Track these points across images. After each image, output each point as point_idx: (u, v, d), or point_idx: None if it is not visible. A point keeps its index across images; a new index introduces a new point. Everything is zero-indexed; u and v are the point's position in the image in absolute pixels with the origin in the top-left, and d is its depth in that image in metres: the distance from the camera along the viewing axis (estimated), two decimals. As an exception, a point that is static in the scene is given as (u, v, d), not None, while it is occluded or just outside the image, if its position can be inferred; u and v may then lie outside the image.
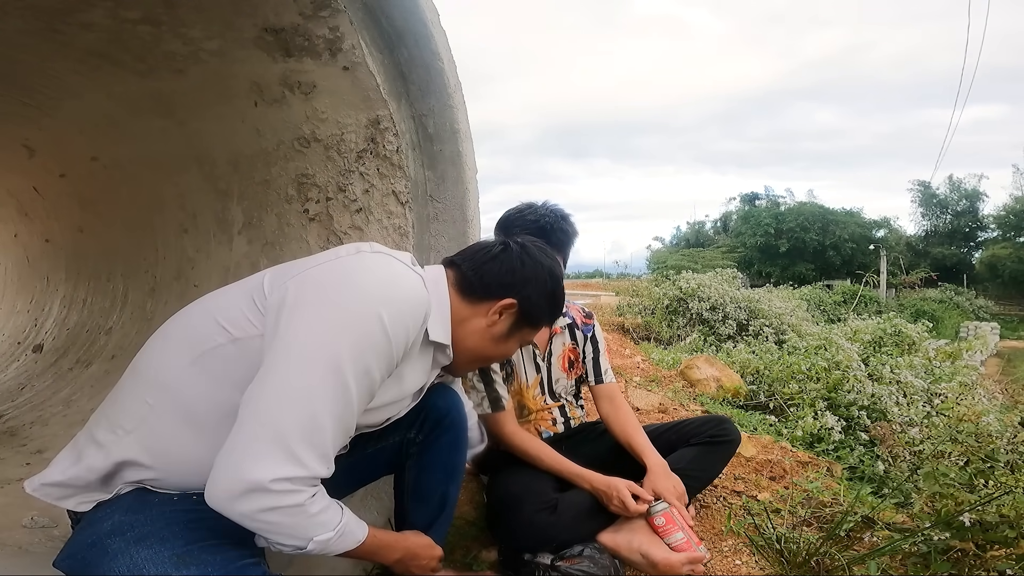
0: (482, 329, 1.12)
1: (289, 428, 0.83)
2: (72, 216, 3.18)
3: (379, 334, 0.89)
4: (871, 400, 3.59)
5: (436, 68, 1.58)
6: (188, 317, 1.01)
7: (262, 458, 0.82)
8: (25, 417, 2.43)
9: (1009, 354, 13.26)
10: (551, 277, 1.17)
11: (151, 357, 0.99)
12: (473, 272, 1.12)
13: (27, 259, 3.97)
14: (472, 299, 1.12)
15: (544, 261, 1.17)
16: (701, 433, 1.76)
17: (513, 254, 1.14)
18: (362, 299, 0.90)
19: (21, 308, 3.95)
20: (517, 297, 1.12)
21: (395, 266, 0.99)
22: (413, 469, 1.29)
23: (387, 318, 0.90)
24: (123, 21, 1.53)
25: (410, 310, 0.96)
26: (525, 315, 1.14)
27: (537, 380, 1.80)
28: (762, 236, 31.63)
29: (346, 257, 0.98)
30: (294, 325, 0.87)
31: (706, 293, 7.74)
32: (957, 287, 26.71)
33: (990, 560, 1.39)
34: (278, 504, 0.83)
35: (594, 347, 1.88)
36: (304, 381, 0.84)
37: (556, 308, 1.21)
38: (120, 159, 2.48)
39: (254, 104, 1.72)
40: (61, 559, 0.91)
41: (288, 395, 0.84)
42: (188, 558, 0.83)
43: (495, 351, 1.17)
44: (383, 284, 0.94)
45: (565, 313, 1.87)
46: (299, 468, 0.83)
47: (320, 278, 0.93)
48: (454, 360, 1.16)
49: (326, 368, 0.85)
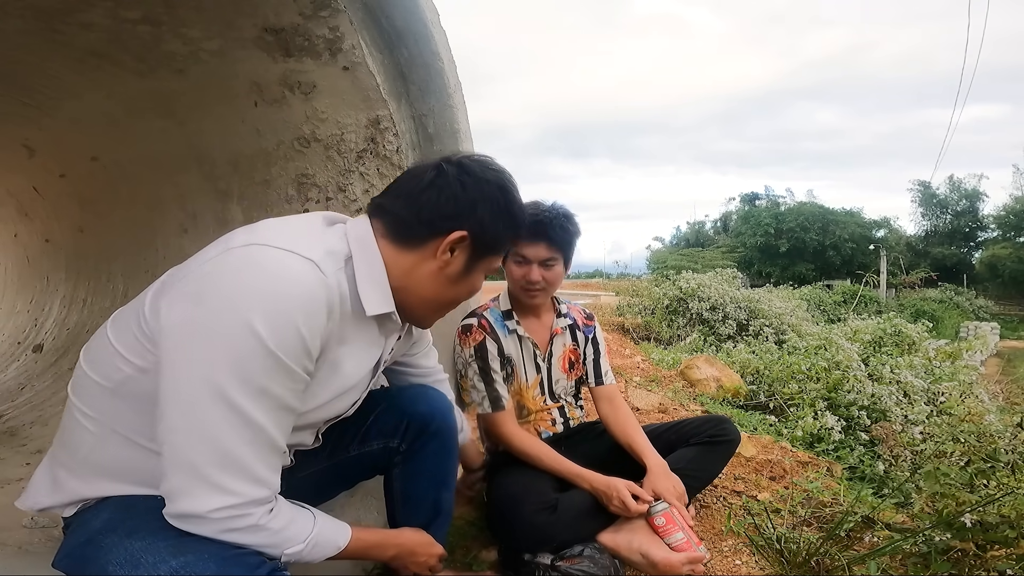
0: (435, 272, 0.98)
1: (202, 464, 0.79)
2: (72, 216, 3.18)
3: (255, 349, 0.78)
4: (871, 400, 3.59)
5: (436, 68, 1.58)
6: (98, 339, 0.94)
7: (191, 493, 0.80)
8: (25, 417, 2.43)
9: (1009, 354, 13.27)
10: (502, 192, 1.00)
11: (77, 386, 0.94)
12: (408, 210, 0.96)
13: (27, 259, 3.97)
14: (413, 243, 0.96)
15: (489, 176, 1.00)
16: (700, 433, 1.76)
17: (450, 177, 0.97)
18: (231, 311, 0.79)
19: (21, 308, 3.95)
20: (466, 226, 0.96)
21: (270, 260, 0.82)
22: (400, 478, 1.26)
23: (262, 326, 0.78)
24: (123, 21, 1.53)
25: (297, 307, 0.81)
26: (481, 244, 0.99)
27: (537, 380, 1.80)
28: (762, 236, 31.64)
29: (216, 258, 0.85)
30: (171, 357, 0.81)
31: (706, 293, 7.74)
32: (957, 287, 26.72)
33: (990, 560, 1.39)
34: (230, 527, 0.82)
35: (595, 349, 1.88)
36: (197, 417, 0.79)
37: (517, 225, 1.04)
38: (120, 159, 2.48)
39: (254, 104, 1.72)
40: (59, 559, 0.91)
41: (188, 432, 0.79)
42: (183, 547, 0.82)
43: (459, 292, 1.04)
44: (252, 289, 0.80)
45: (567, 314, 1.86)
46: (230, 497, 0.81)
47: (189, 291, 0.83)
48: (415, 315, 1.05)
49: (211, 401, 0.78)
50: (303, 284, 0.83)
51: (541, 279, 1.67)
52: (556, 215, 1.66)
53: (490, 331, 1.71)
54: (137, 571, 0.79)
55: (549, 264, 1.67)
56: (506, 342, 1.74)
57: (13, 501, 1.01)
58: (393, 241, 0.97)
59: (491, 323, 1.73)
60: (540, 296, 1.72)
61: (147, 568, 0.79)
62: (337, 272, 0.90)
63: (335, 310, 0.88)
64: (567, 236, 1.68)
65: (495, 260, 1.06)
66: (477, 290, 1.07)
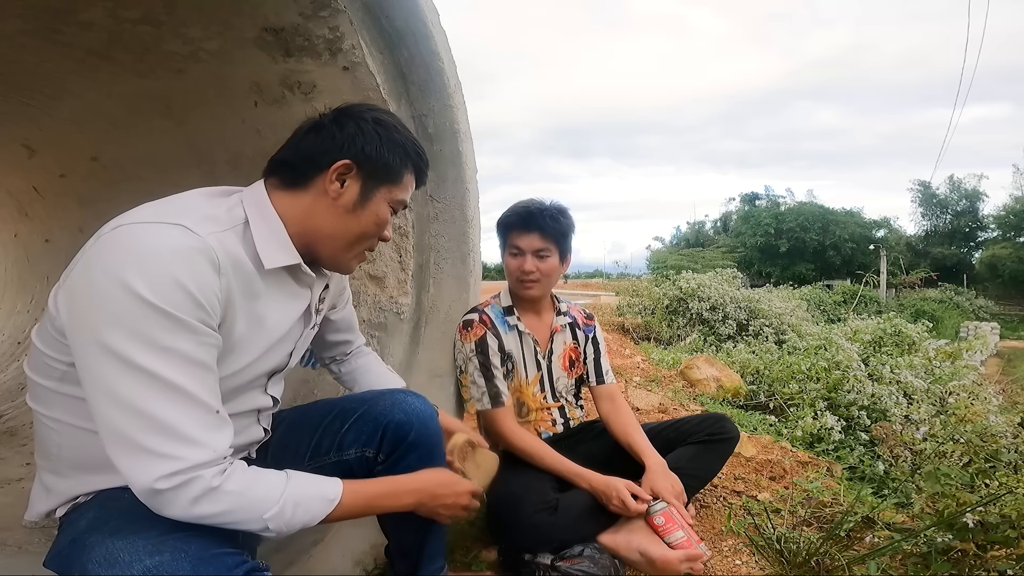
0: (330, 206, 0.99)
1: (130, 433, 0.79)
2: (72, 216, 3.18)
3: (140, 307, 0.79)
4: (871, 400, 3.59)
5: (436, 68, 1.58)
6: (31, 350, 0.96)
7: (133, 466, 0.80)
8: (25, 417, 2.43)
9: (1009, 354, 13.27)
10: (378, 123, 1.02)
11: (32, 394, 0.96)
12: (291, 154, 1.00)
13: (27, 259, 3.97)
14: (302, 183, 0.99)
15: (365, 114, 1.02)
16: (699, 431, 1.76)
17: (327, 120, 1.01)
18: (107, 277, 0.80)
19: (21, 308, 3.95)
20: (348, 156, 0.98)
21: (138, 231, 0.84)
22: None
23: (141, 285, 0.79)
24: (123, 21, 1.53)
25: (172, 261, 0.82)
26: (371, 171, 1.00)
27: (537, 377, 1.80)
28: (762, 236, 31.65)
29: (91, 246, 0.87)
30: (74, 342, 0.83)
31: (706, 293, 7.75)
32: (957, 287, 26.72)
33: (991, 560, 1.39)
34: (188, 497, 0.80)
35: (595, 348, 1.89)
36: (110, 389, 0.80)
37: (406, 151, 1.04)
38: (120, 159, 2.48)
39: (254, 104, 1.72)
40: (49, 559, 0.92)
41: (109, 407, 0.80)
42: (162, 546, 0.82)
43: (362, 223, 1.03)
44: (124, 255, 0.81)
45: (566, 313, 1.87)
46: (169, 462, 0.79)
47: (72, 279, 0.85)
48: (329, 259, 1.05)
49: (117, 369, 0.79)
50: (174, 243, 0.83)
51: (536, 269, 1.71)
52: (546, 207, 1.73)
53: (491, 327, 1.73)
54: (113, 570, 0.80)
55: (543, 255, 1.71)
56: (507, 338, 1.75)
57: (13, 501, 1.01)
58: (286, 189, 0.99)
59: (492, 319, 1.74)
60: (535, 288, 1.74)
61: (123, 567, 0.79)
62: (222, 233, 0.90)
63: (226, 267, 0.88)
64: (559, 227, 1.71)
65: (397, 190, 1.05)
66: (384, 221, 1.05)
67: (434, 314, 1.77)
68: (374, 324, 1.79)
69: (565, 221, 1.74)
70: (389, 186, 1.04)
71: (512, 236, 1.74)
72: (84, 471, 0.94)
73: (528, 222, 1.70)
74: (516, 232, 1.73)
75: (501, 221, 1.79)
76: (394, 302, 1.76)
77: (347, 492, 0.94)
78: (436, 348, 1.77)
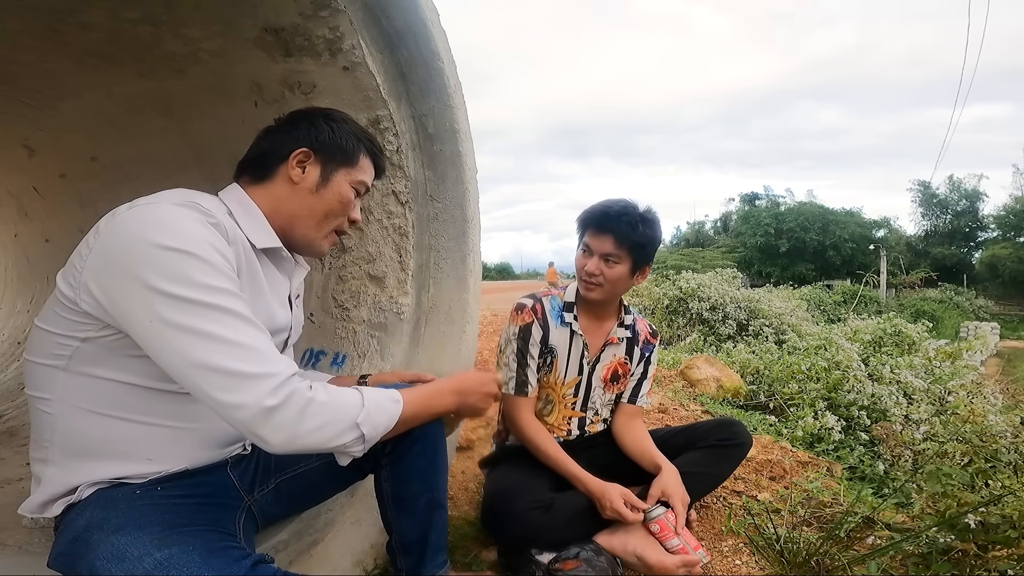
0: (294, 190, 1.09)
1: (219, 362, 0.82)
2: (72, 216, 3.18)
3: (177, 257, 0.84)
4: (871, 400, 3.59)
5: (436, 68, 1.58)
6: (34, 335, 0.99)
7: (236, 394, 0.82)
8: (25, 417, 2.43)
9: (1009, 354, 13.27)
10: (326, 115, 1.13)
11: (29, 379, 0.99)
12: (254, 153, 1.12)
13: (27, 259, 3.97)
14: (268, 175, 1.09)
15: (308, 111, 1.15)
16: (709, 437, 1.74)
17: (281, 120, 1.14)
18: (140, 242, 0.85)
19: (21, 308, 3.95)
20: (303, 144, 1.08)
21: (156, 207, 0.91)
22: (388, 480, 1.25)
23: (170, 240, 0.85)
24: (123, 21, 1.53)
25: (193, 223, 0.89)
26: (328, 154, 1.10)
27: (575, 381, 1.74)
28: (762, 236, 31.65)
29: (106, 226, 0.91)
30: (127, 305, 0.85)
31: (706, 293, 7.75)
32: (957, 287, 26.75)
33: (992, 561, 1.39)
34: (294, 410, 0.84)
35: (644, 369, 1.82)
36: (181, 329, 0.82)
37: (356, 136, 1.14)
38: (120, 159, 2.48)
39: (254, 104, 1.72)
40: (52, 559, 0.92)
41: (188, 346, 0.83)
42: (169, 540, 0.83)
43: (327, 202, 1.11)
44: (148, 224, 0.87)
45: (631, 327, 1.78)
46: (269, 380, 0.83)
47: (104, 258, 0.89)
48: (303, 241, 1.12)
49: (180, 310, 0.83)
50: (191, 215, 0.90)
51: (600, 272, 1.61)
52: (628, 211, 1.59)
53: (540, 317, 1.68)
54: (122, 565, 0.80)
55: (611, 261, 1.60)
56: (555, 333, 1.69)
57: (13, 501, 1.01)
58: (256, 183, 1.10)
59: (545, 310, 1.70)
60: (596, 291, 1.64)
61: (131, 562, 0.80)
62: (223, 216, 0.98)
63: (234, 241, 0.97)
64: (636, 236, 1.58)
65: (355, 171, 1.14)
66: (347, 199, 1.13)
67: (434, 314, 1.77)
68: (374, 324, 1.79)
69: (646, 231, 1.60)
70: (347, 168, 1.13)
71: (587, 233, 1.64)
72: (76, 457, 0.95)
73: (603, 224, 1.60)
74: (591, 231, 1.63)
75: (581, 216, 1.68)
76: (394, 302, 1.76)
77: (405, 394, 1.02)
78: (436, 348, 1.77)
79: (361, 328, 1.82)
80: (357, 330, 1.82)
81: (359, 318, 1.82)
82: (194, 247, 0.86)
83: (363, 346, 1.81)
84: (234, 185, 1.11)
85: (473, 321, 1.78)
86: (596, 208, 1.64)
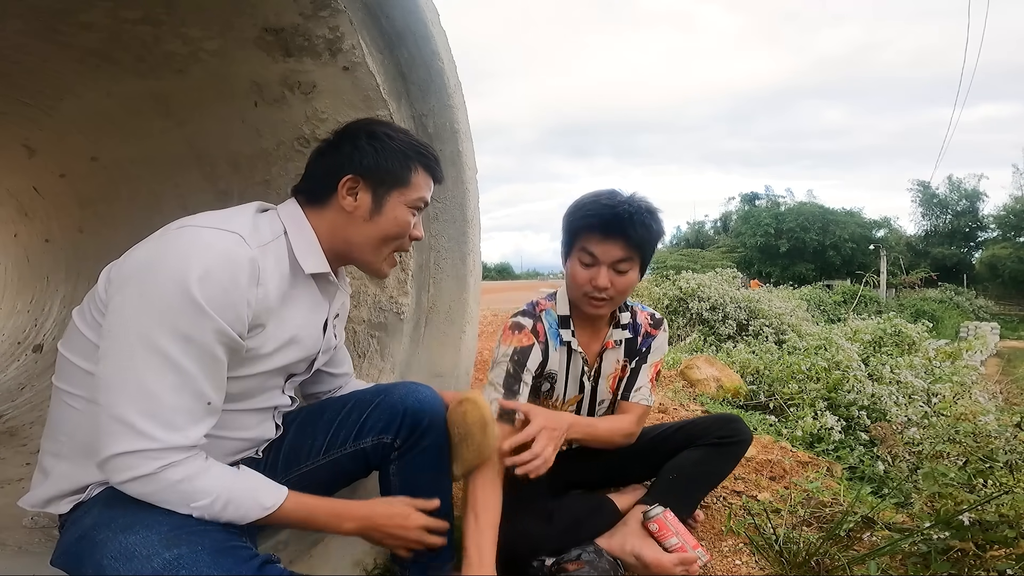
0: (349, 218, 1.09)
1: (123, 407, 0.85)
2: (72, 216, 3.18)
3: (184, 301, 0.87)
4: (871, 400, 3.59)
5: (436, 68, 1.58)
6: (71, 331, 1.02)
7: (110, 436, 0.85)
8: (25, 417, 2.43)
9: (1009, 354, 13.27)
10: (370, 134, 1.11)
11: (62, 373, 1.01)
12: (310, 180, 1.12)
13: (27, 259, 3.97)
14: (323, 202, 1.09)
15: (352, 127, 1.13)
16: (708, 435, 1.67)
17: (328, 143, 1.13)
18: (166, 270, 0.88)
19: (21, 308, 3.95)
20: (350, 170, 1.08)
21: (203, 233, 0.94)
22: (397, 473, 1.26)
23: (194, 283, 0.87)
24: (123, 21, 1.53)
25: (224, 268, 0.91)
26: (377, 180, 1.09)
27: (576, 399, 1.61)
28: (762, 236, 31.65)
29: (154, 239, 0.97)
30: (111, 318, 0.90)
31: (706, 293, 7.74)
32: (957, 287, 26.75)
33: (990, 560, 1.39)
34: (132, 475, 0.86)
35: (641, 360, 1.62)
36: (125, 362, 0.86)
37: (404, 153, 1.11)
38: (120, 159, 2.48)
39: (254, 104, 1.72)
40: (56, 557, 0.92)
41: (116, 377, 0.86)
42: (177, 540, 0.83)
43: (383, 228, 1.11)
44: (186, 254, 0.90)
45: (627, 325, 1.61)
46: (144, 440, 0.85)
47: (125, 268, 0.94)
48: (363, 264, 1.14)
49: (139, 345, 0.86)
50: (230, 252, 0.93)
51: (611, 286, 1.40)
52: (638, 209, 1.38)
53: (542, 341, 1.50)
54: (130, 565, 0.80)
55: (622, 268, 1.40)
56: (554, 356, 1.53)
57: (13, 501, 1.01)
58: (313, 208, 1.10)
59: (546, 331, 1.52)
60: (604, 307, 1.46)
61: (140, 562, 0.80)
62: (267, 245, 1.01)
63: (264, 279, 0.98)
64: (649, 235, 1.39)
65: (408, 191, 1.12)
66: (404, 222, 1.13)
67: (434, 314, 1.77)
68: (374, 324, 1.79)
69: (656, 227, 1.41)
70: (400, 189, 1.11)
71: (586, 240, 1.40)
72: (90, 456, 0.95)
73: (611, 227, 1.36)
74: (596, 236, 1.39)
75: (573, 221, 1.44)
76: (394, 302, 1.77)
77: (290, 502, 0.98)
78: (436, 348, 1.77)
79: (361, 328, 1.82)
80: (357, 330, 1.82)
81: (359, 318, 1.82)
82: (207, 299, 0.88)
83: (363, 346, 1.81)
84: (293, 202, 1.11)
85: (473, 321, 1.78)
86: (596, 208, 1.40)
